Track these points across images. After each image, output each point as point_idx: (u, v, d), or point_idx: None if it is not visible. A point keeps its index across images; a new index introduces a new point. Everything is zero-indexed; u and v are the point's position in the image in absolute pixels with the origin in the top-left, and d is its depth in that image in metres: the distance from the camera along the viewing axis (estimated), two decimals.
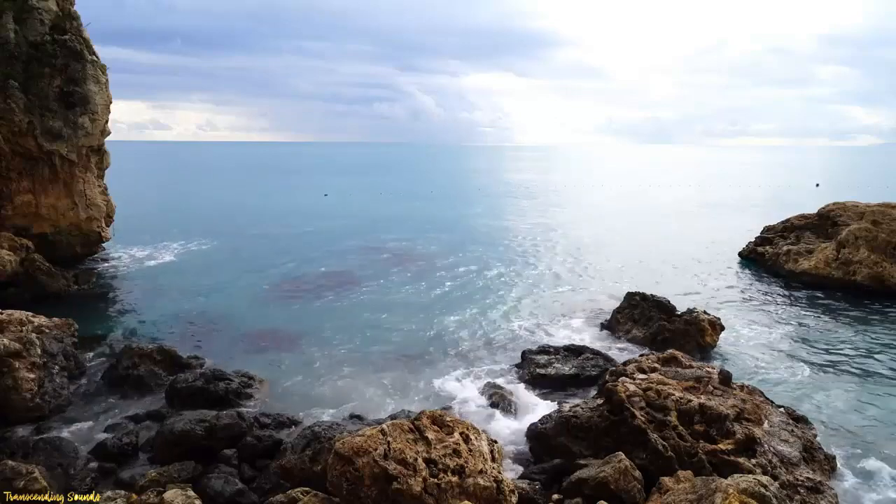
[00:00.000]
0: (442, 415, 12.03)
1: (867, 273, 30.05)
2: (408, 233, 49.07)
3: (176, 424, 14.73)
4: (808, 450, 13.97)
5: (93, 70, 32.34)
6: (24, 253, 28.41)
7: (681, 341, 21.31)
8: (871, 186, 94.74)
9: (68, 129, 31.29)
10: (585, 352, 20.47)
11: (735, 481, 10.26)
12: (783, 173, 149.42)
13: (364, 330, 24.45)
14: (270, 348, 22.37)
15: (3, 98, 29.28)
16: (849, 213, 34.69)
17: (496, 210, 67.09)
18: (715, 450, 13.04)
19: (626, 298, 24.88)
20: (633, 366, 16.75)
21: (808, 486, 12.42)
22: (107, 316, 26.22)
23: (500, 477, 11.21)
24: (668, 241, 46.14)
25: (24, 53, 30.23)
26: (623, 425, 13.80)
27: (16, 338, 17.24)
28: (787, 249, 34.77)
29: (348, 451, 10.64)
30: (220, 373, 18.51)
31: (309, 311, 27.19)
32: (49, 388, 16.98)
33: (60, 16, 31.84)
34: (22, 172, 31.16)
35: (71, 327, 20.49)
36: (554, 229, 52.49)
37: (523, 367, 19.93)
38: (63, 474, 13.23)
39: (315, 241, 44.96)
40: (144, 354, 19.42)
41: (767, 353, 22.08)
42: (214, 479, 13.05)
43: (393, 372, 20.24)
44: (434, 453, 10.92)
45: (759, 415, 14.49)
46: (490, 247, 43.38)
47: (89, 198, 33.53)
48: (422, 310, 27.40)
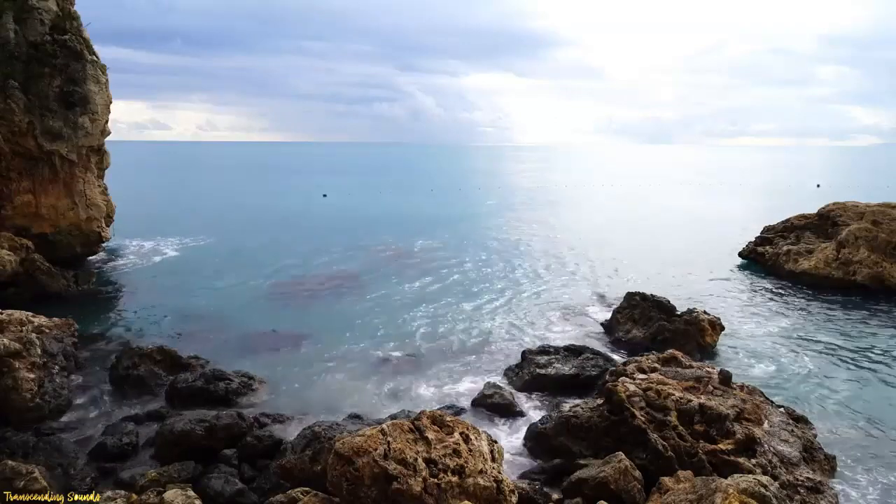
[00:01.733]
0: (442, 415, 12.03)
1: (867, 273, 30.06)
2: (408, 233, 49.08)
3: (176, 424, 14.72)
4: (808, 450, 13.97)
5: (93, 70, 32.35)
6: (24, 253, 28.41)
7: (681, 341, 21.30)
8: (871, 186, 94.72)
9: (68, 129, 31.29)
10: (585, 352, 20.47)
11: (735, 481, 10.26)
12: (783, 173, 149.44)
13: (364, 330, 24.45)
14: (270, 348, 22.36)
15: (3, 98, 29.28)
16: (849, 213, 34.69)
17: (496, 210, 67.09)
18: (715, 450, 13.04)
19: (626, 298, 24.87)
20: (633, 366, 16.75)
21: (808, 486, 12.42)
22: (107, 316, 26.21)
23: (500, 477, 11.21)
24: (668, 241, 46.15)
25: (24, 53, 30.24)
26: (623, 425, 13.81)
27: (16, 338, 17.24)
28: (787, 249, 34.78)
29: (348, 451, 10.63)
30: (220, 373, 18.52)
31: (309, 311, 27.19)
32: (49, 388, 16.97)
33: (60, 16, 31.85)
34: (22, 172, 31.16)
35: (71, 327, 20.49)
36: (554, 229, 52.50)
37: (523, 367, 19.93)
38: (63, 474, 13.23)
39: (315, 241, 44.96)
40: (144, 354, 19.42)
41: (767, 354, 22.08)
42: (214, 479, 13.05)
43: (393, 372, 20.25)
44: (434, 453, 10.92)
45: (759, 415, 14.50)
46: (490, 247, 43.40)
47: (89, 198, 33.53)
48: (422, 310, 27.40)
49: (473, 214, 62.36)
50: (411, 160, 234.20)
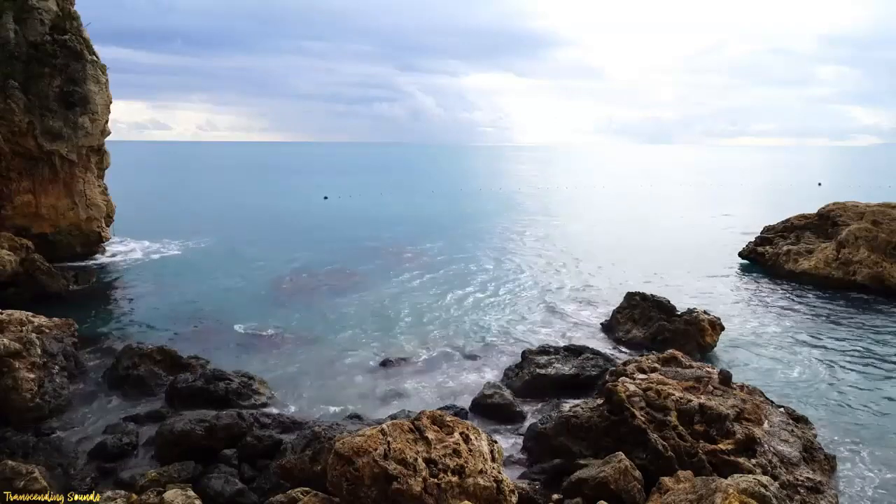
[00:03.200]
0: (442, 415, 12.02)
1: (867, 273, 30.05)
2: (408, 233, 49.10)
3: (176, 424, 14.72)
4: (808, 450, 13.97)
5: (93, 70, 32.36)
6: (24, 253, 28.41)
7: (681, 341, 21.29)
8: (871, 186, 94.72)
9: (68, 129, 31.30)
10: (585, 352, 20.46)
11: (735, 481, 10.26)
12: (783, 173, 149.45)
13: (364, 330, 24.46)
14: (270, 348, 22.37)
15: (3, 98, 29.29)
16: (849, 213, 34.69)
17: (496, 210, 67.08)
18: (715, 450, 13.03)
19: (626, 298, 24.87)
20: (633, 366, 16.74)
21: (808, 486, 12.42)
22: (107, 316, 26.22)
23: (500, 477, 11.21)
24: (669, 241, 46.16)
25: (24, 53, 30.25)
26: (623, 425, 13.80)
27: (16, 338, 17.24)
28: (787, 249, 34.78)
29: (348, 451, 10.63)
30: (220, 373, 18.51)
31: (309, 312, 27.18)
32: (49, 388, 16.97)
33: (60, 16, 31.86)
34: (22, 172, 31.18)
35: (71, 327, 20.49)
36: (554, 229, 52.51)
37: (523, 367, 19.91)
38: (63, 474, 13.24)
39: (315, 241, 44.98)
40: (144, 354, 19.42)
41: (767, 354, 22.08)
42: (214, 479, 13.05)
43: (393, 372, 20.25)
44: (434, 453, 10.91)
45: (759, 415, 14.49)
46: (490, 247, 43.40)
47: (89, 198, 33.55)
48: (422, 310, 27.41)
49: (473, 215, 62.35)
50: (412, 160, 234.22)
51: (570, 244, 44.59)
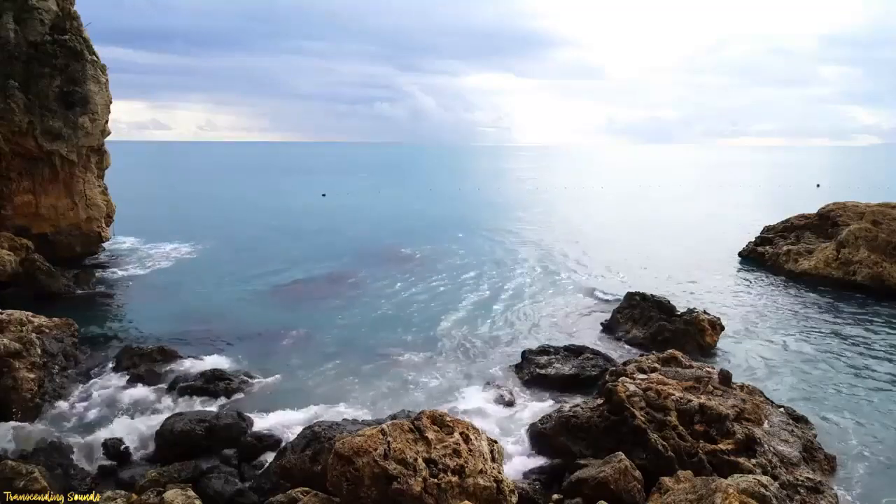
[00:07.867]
0: (442, 415, 12.03)
1: (867, 273, 30.05)
2: (407, 233, 49.08)
3: (176, 424, 14.73)
4: (808, 450, 13.98)
5: (93, 70, 32.34)
6: (24, 253, 28.42)
7: (681, 341, 21.31)
8: (871, 186, 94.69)
9: (68, 130, 31.28)
10: (585, 352, 20.47)
11: (735, 481, 10.27)
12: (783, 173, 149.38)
13: (364, 330, 24.45)
14: (271, 348, 22.35)
15: (3, 98, 29.28)
16: (849, 213, 34.70)
17: (496, 210, 67.06)
18: (715, 450, 13.04)
19: (626, 298, 24.88)
20: (633, 366, 16.75)
21: (808, 486, 12.42)
22: (107, 316, 26.20)
23: (500, 477, 11.21)
24: (668, 241, 46.14)
25: (24, 53, 30.23)
26: (623, 425, 13.81)
27: (16, 338, 17.25)
28: (787, 249, 34.79)
29: (348, 451, 10.63)
30: (220, 373, 18.52)
31: (309, 311, 27.17)
32: (49, 388, 16.99)
33: (60, 16, 31.84)
34: (22, 172, 31.17)
35: (71, 327, 20.50)
36: (554, 229, 52.47)
37: (523, 367, 19.93)
38: (63, 474, 13.23)
39: (315, 241, 44.97)
40: (144, 354, 19.43)
41: (767, 353, 22.07)
42: (214, 479, 13.06)
43: (393, 372, 20.23)
44: (434, 453, 10.92)
45: (759, 415, 14.50)
46: (490, 247, 43.39)
47: (89, 198, 33.53)
48: (422, 310, 27.41)
49: (473, 215, 62.31)
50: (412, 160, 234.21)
51: (569, 244, 44.55)
